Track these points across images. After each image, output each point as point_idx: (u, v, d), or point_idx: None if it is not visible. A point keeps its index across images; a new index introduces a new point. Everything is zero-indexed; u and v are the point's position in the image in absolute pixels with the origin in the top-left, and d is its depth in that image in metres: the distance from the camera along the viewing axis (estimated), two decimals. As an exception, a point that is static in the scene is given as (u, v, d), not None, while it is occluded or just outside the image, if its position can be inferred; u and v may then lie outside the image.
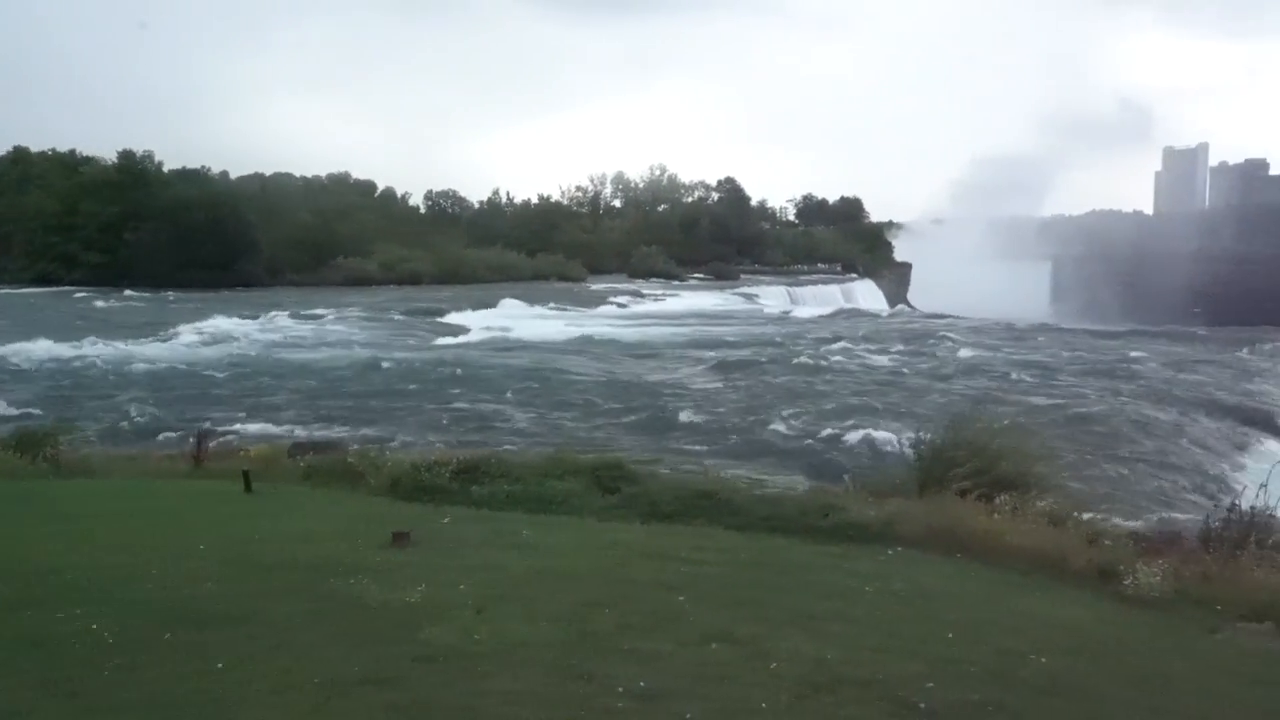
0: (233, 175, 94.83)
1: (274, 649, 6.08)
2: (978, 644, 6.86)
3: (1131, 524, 12.94)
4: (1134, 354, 38.14)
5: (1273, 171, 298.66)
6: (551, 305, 56.13)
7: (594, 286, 74.89)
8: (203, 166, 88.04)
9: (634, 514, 10.78)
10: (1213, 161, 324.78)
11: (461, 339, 41.16)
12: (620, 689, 5.50)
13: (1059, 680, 6.21)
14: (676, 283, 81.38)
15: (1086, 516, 11.61)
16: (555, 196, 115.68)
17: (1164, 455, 21.21)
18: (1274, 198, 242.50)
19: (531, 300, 57.15)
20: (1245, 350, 39.86)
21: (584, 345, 38.42)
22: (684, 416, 23.75)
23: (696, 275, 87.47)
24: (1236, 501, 11.76)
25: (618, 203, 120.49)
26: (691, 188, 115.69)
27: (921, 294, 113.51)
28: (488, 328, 44.01)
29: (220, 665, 5.73)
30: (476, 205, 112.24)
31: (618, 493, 11.42)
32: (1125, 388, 29.00)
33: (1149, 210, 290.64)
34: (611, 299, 62.89)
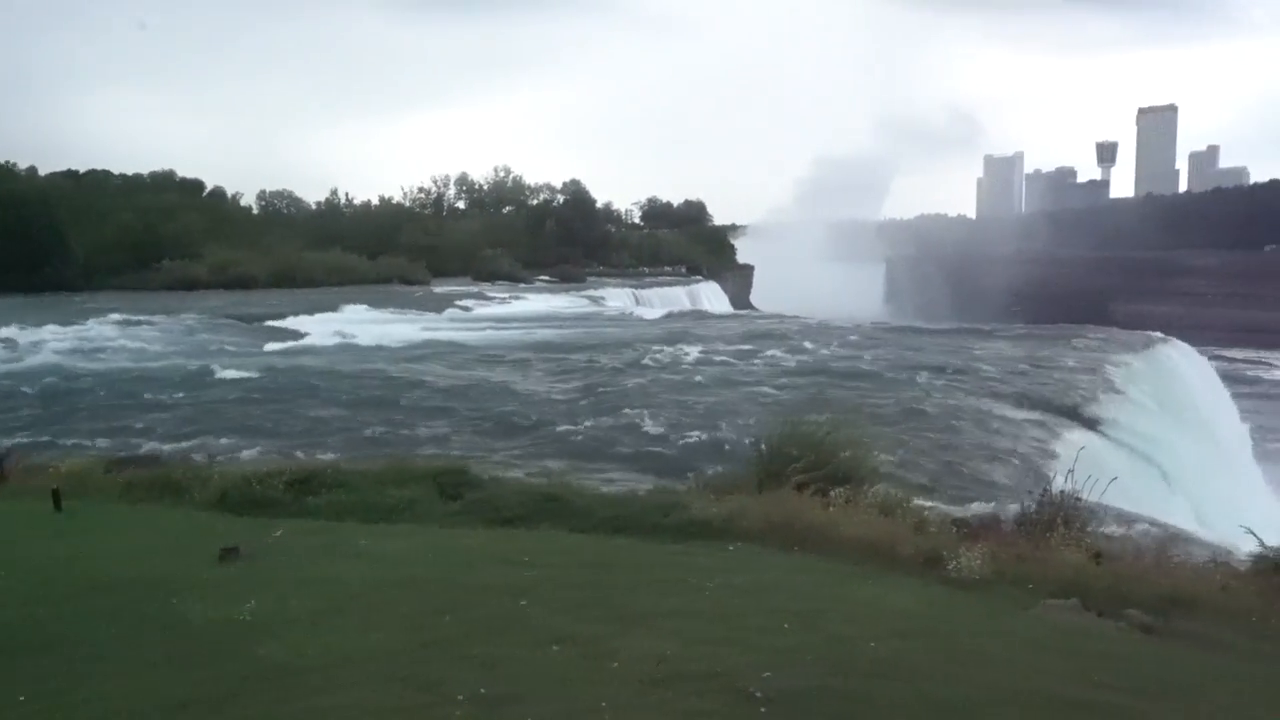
0: (42, 172, 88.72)
1: (85, 676, 5.70)
2: (813, 632, 7.08)
3: (956, 512, 13.62)
4: (959, 350, 40.22)
5: (1080, 179, 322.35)
6: (394, 309, 54.79)
7: (438, 290, 73.57)
8: (7, 162, 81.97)
9: (477, 520, 10.66)
10: (1028, 169, 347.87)
11: (298, 344, 39.63)
12: (460, 696, 5.41)
13: (888, 663, 6.46)
14: (523, 285, 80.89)
15: (915, 506, 12.16)
16: (397, 198, 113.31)
17: (986, 446, 22.43)
18: (1081, 203, 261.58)
19: (373, 304, 55.64)
20: (1057, 346, 42.59)
21: (428, 349, 37.68)
22: (530, 420, 23.63)
23: (543, 277, 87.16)
24: (1048, 487, 12.63)
25: (462, 204, 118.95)
26: (537, 190, 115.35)
27: (764, 295, 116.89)
28: (327, 333, 42.54)
29: (23, 697, 5.33)
30: (313, 206, 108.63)
31: (460, 499, 11.27)
32: (951, 382, 30.60)
33: (972, 214, 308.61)
34: (456, 302, 61.86)
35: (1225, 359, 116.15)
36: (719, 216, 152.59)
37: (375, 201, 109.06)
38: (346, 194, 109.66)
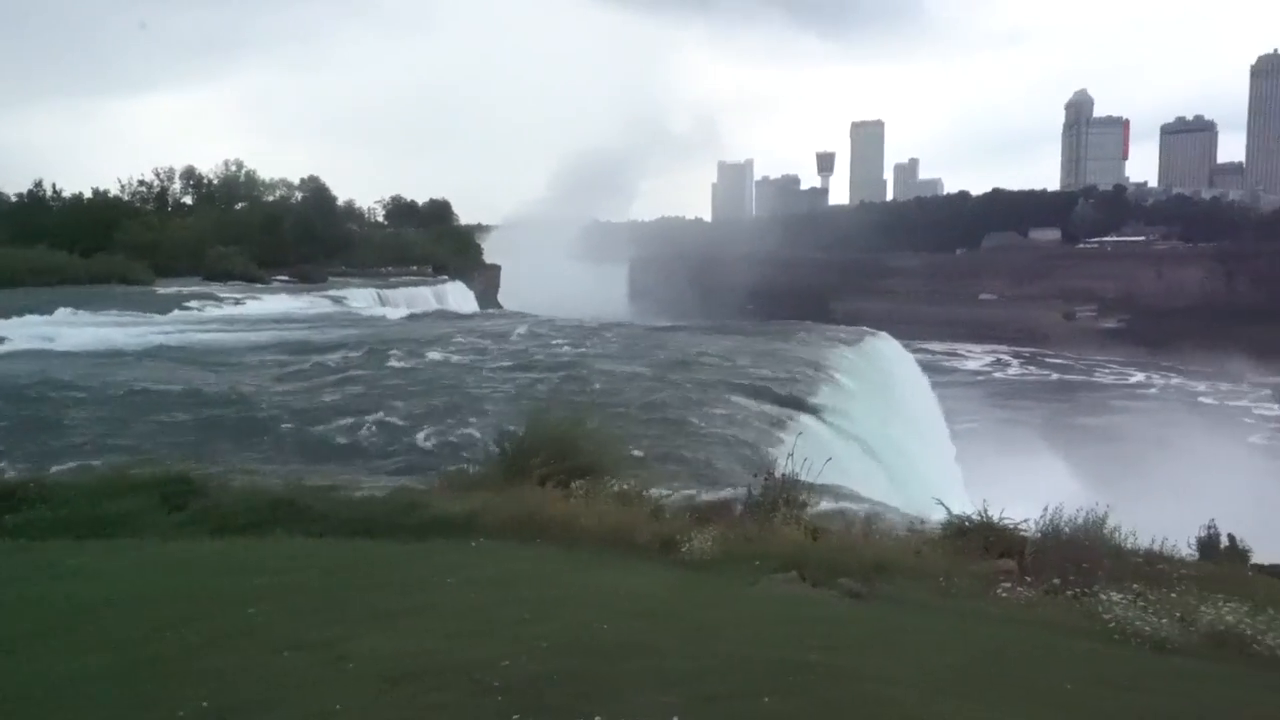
0: None
1: None
2: (553, 620, 7.28)
3: (691, 498, 14.34)
4: (698, 345, 42.11)
5: (803, 186, 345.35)
6: (111, 310, 50.20)
7: (163, 290, 67.92)
8: None
9: (204, 530, 10.10)
10: (757, 175, 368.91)
11: (-3, 351, 35.50)
12: (181, 713, 5.17)
13: (625, 643, 6.76)
14: (259, 286, 76.33)
15: (653, 494, 12.71)
16: (114, 191, 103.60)
17: (721, 435, 23.69)
18: (805, 208, 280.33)
19: (86, 305, 50.70)
20: (785, 340, 45.55)
21: (153, 353, 34.87)
22: (265, 423, 22.50)
23: (281, 277, 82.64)
24: (772, 472, 13.58)
25: (189, 200, 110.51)
26: (272, 186, 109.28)
27: (511, 294, 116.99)
28: (30, 336, 38.32)
29: None
30: (14, 198, 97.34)
31: (185, 509, 10.62)
32: (689, 376, 32.04)
33: (709, 217, 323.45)
34: (184, 303, 57.51)
35: (928, 351, 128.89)
36: (466, 216, 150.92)
37: (88, 195, 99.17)
38: (54, 185, 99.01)
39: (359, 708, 5.36)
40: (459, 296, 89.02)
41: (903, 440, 32.18)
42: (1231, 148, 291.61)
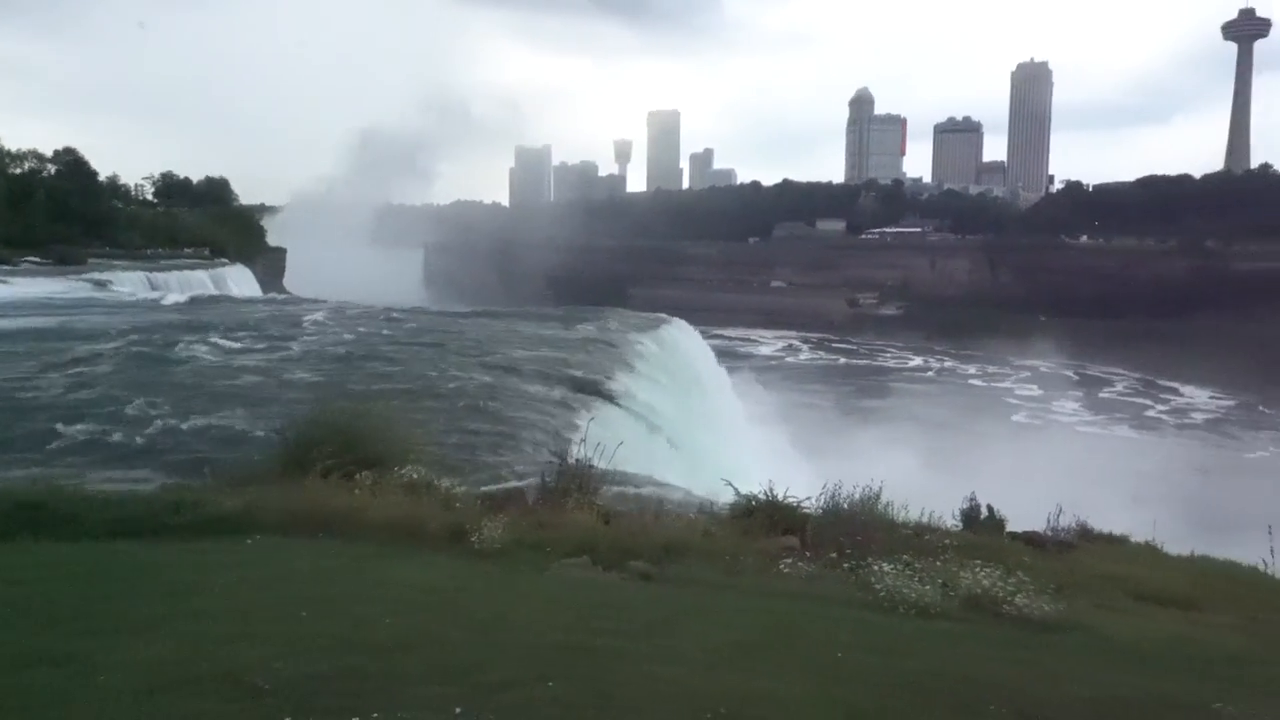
0: None
1: None
2: (332, 617, 6.98)
3: (484, 486, 14.15)
4: (495, 333, 41.68)
5: (601, 173, 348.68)
6: None
7: (-116, 272, 60.71)
8: None
9: (-69, 539, 9.03)
10: (556, 161, 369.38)
11: None
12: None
13: (408, 636, 6.56)
14: (6, 267, 69.44)
15: (444, 484, 12.43)
16: None
17: (519, 422, 23.51)
18: (603, 196, 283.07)
19: None
20: (585, 325, 45.80)
21: None
22: (16, 421, 20.48)
23: (32, 259, 75.35)
24: (565, 457, 13.61)
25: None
26: (19, 157, 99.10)
27: (298, 280, 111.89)
28: None
29: None
30: None
31: (-93, 517, 9.45)
32: (485, 362, 31.64)
33: (506, 202, 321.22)
34: (-88, 287, 51.59)
35: (723, 337, 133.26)
36: (248, 196, 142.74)
37: None
38: None
39: (109, 724, 4.92)
40: (240, 281, 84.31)
41: (698, 424, 33.06)
42: (995, 147, 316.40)
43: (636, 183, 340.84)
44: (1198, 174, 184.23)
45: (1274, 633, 8.61)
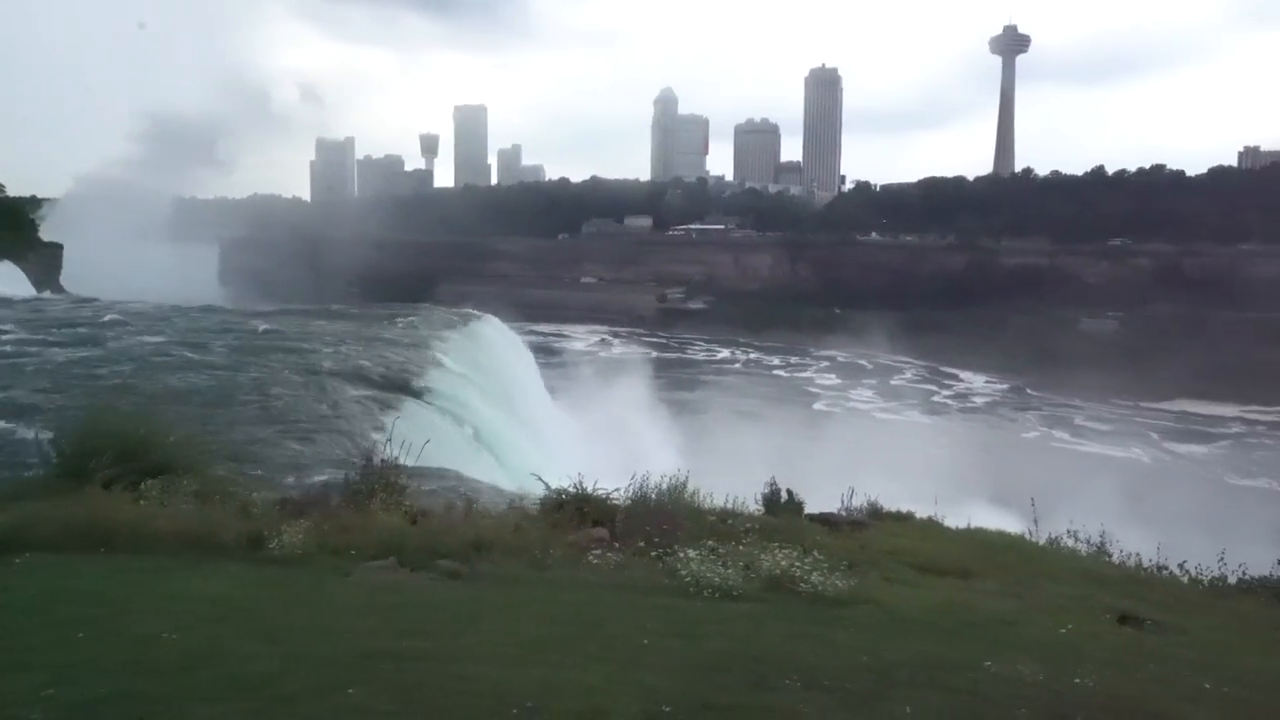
0: None
1: None
2: (113, 638, 6.56)
3: (285, 491, 13.59)
4: (294, 331, 40.00)
5: (407, 168, 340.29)
6: None
7: None
8: None
9: None
10: (359, 155, 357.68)
11: None
12: None
13: (195, 652, 6.24)
14: None
15: (239, 490, 11.87)
16: None
17: (322, 423, 22.71)
18: (409, 190, 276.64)
19: None
20: (390, 324, 44.64)
21: None
22: None
23: None
24: (371, 457, 13.22)
25: None
26: None
27: (77, 278, 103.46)
28: None
29: None
30: None
31: None
32: (286, 362, 30.32)
33: (307, 196, 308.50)
34: None
35: (537, 333, 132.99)
36: (15, 188, 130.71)
37: None
38: None
39: None
40: (9, 279, 77.14)
41: (510, 419, 32.88)
42: (792, 148, 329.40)
43: (444, 178, 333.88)
44: (971, 176, 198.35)
45: (1034, 595, 9.45)
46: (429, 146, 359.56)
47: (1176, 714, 5.83)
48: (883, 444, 72.99)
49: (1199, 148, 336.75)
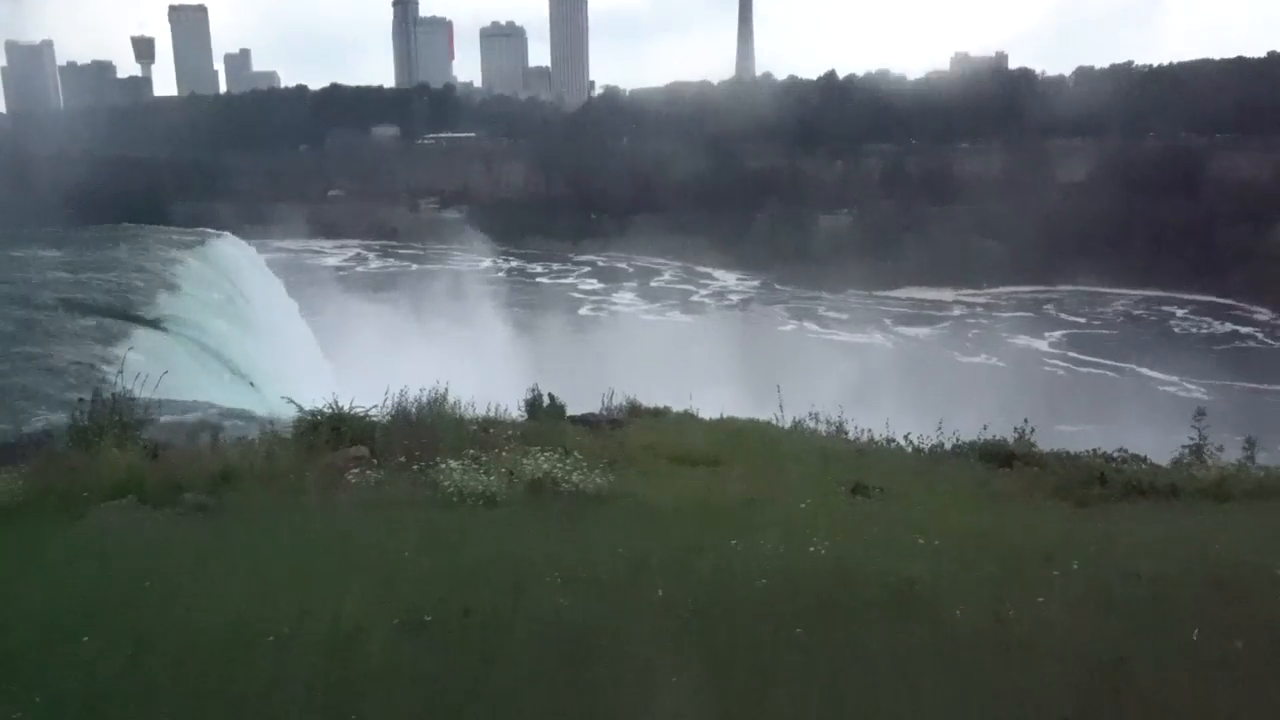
0: None
1: None
2: None
3: (-2, 436, 12.35)
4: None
5: (120, 75, 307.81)
6: None
7: None
8: None
9: None
10: (61, 61, 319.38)
11: None
12: None
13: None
14: None
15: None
16: None
17: (40, 359, 20.70)
18: (125, 100, 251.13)
19: None
20: (113, 248, 40.82)
21: None
22: None
23: None
24: (99, 394, 12.17)
25: None
26: None
27: None
28: None
29: None
30: None
31: None
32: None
33: (1, 108, 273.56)
34: None
35: (285, 250, 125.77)
36: None
37: None
38: None
39: None
40: None
41: (259, 343, 31.18)
42: (539, 54, 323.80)
43: (165, 86, 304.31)
44: (715, 81, 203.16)
45: (778, 476, 10.14)
46: (144, 51, 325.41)
47: (894, 569, 6.50)
48: (645, 345, 75.18)
49: (920, 53, 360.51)
